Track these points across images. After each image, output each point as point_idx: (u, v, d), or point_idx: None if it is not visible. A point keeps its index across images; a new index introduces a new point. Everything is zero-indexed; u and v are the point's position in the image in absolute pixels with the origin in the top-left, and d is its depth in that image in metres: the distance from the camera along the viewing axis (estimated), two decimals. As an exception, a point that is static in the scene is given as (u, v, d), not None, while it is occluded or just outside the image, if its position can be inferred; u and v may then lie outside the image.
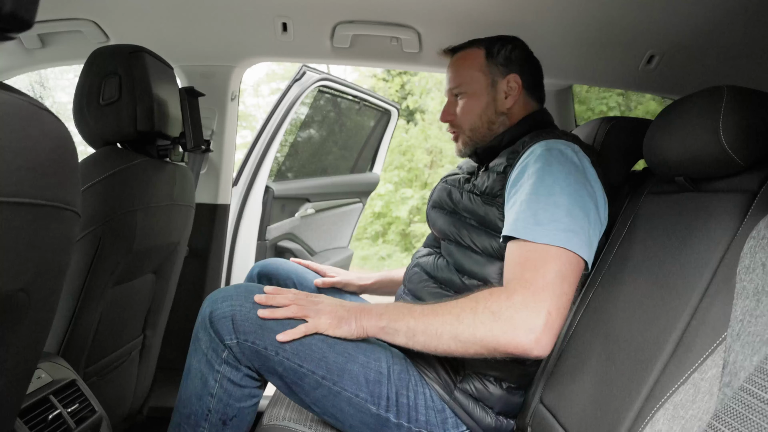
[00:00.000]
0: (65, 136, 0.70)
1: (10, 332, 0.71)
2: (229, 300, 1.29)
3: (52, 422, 1.07)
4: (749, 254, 0.90)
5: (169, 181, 1.68)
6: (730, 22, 1.57)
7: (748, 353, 0.82)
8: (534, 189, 1.27)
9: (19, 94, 0.63)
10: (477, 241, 1.43)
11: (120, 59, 1.49)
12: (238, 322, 1.25)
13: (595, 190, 1.32)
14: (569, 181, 1.27)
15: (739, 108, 1.05)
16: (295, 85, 2.92)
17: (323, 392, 1.29)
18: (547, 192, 1.26)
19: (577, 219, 1.24)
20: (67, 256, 0.80)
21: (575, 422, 1.17)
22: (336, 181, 3.66)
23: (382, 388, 1.33)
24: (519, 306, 1.15)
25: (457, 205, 1.55)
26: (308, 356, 1.27)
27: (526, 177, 1.32)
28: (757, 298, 0.84)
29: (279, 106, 2.87)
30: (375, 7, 1.77)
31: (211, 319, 1.27)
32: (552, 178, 1.27)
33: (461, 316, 1.19)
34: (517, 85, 1.55)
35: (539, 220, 1.23)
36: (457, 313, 1.20)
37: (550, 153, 1.32)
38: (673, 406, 0.91)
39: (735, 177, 1.09)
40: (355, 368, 1.31)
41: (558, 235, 1.21)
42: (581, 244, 1.22)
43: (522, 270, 1.21)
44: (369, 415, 1.32)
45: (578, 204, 1.26)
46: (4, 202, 0.59)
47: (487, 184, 1.45)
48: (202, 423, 1.30)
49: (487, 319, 1.16)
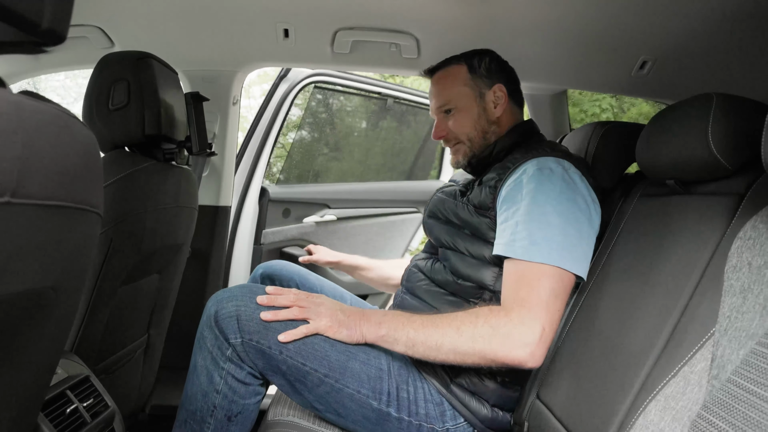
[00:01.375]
0: (92, 142, 0.74)
1: (39, 327, 0.75)
2: (234, 300, 1.33)
3: (69, 416, 1.11)
4: (736, 254, 0.94)
5: (174, 183, 1.72)
6: (722, 29, 1.61)
7: (735, 347, 0.86)
8: (528, 210, 1.34)
9: (52, 103, 0.67)
10: (471, 249, 1.49)
11: (128, 65, 1.53)
12: (243, 321, 1.29)
13: (587, 203, 1.38)
14: (561, 200, 1.34)
15: (728, 114, 1.09)
16: (282, 83, 2.87)
17: (326, 389, 1.33)
18: (540, 212, 1.33)
19: (570, 236, 1.31)
20: (90, 255, 0.84)
21: (570, 416, 1.21)
22: (377, 188, 3.40)
23: (383, 383, 1.37)
24: (516, 322, 1.23)
25: (452, 216, 1.60)
26: (311, 355, 1.31)
27: (519, 197, 1.38)
28: (743, 296, 0.89)
29: (267, 106, 2.84)
30: (375, 14, 1.80)
31: (217, 318, 1.30)
32: (544, 198, 1.34)
33: (461, 329, 1.26)
34: (503, 94, 1.62)
35: (534, 240, 1.30)
36: (457, 326, 1.27)
37: (541, 173, 1.38)
38: (664, 398, 0.96)
39: (723, 180, 1.13)
40: (356, 366, 1.35)
41: (552, 254, 1.28)
42: (574, 260, 1.30)
43: (518, 288, 1.29)
44: (371, 410, 1.36)
45: (571, 221, 1.33)
46: (40, 204, 0.63)
47: (480, 198, 1.50)
48: (208, 419, 1.34)
49: (486, 333, 1.24)
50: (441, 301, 1.52)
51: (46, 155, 0.62)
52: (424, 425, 1.39)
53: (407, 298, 1.64)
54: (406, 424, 1.38)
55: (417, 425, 1.39)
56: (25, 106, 0.59)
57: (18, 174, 0.57)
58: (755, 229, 0.93)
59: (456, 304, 1.49)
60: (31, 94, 0.68)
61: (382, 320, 1.34)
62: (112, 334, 1.62)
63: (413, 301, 1.61)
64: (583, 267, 1.32)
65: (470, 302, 1.47)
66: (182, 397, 1.38)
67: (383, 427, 1.38)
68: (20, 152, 0.57)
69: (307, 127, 3.66)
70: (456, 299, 1.50)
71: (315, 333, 1.32)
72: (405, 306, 1.62)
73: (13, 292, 0.64)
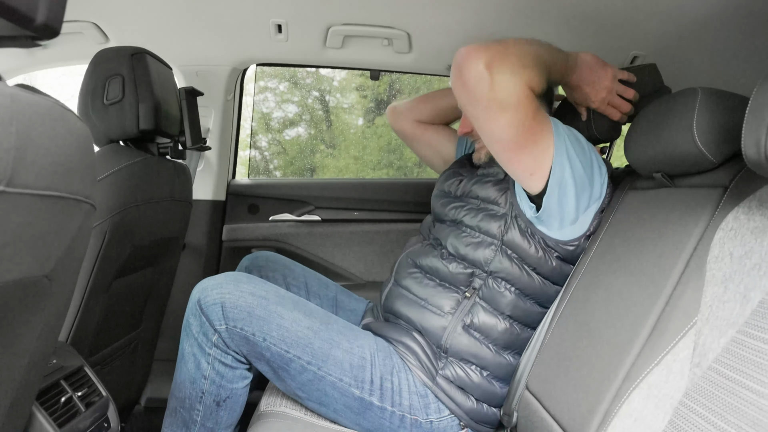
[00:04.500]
0: (86, 135, 0.76)
1: (35, 316, 0.77)
2: (218, 288, 1.34)
3: (63, 405, 1.13)
4: (718, 245, 0.97)
5: (169, 178, 1.73)
6: (712, 25, 1.62)
7: (716, 336, 0.88)
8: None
9: (47, 96, 0.69)
10: (481, 223, 1.49)
11: (123, 60, 1.55)
12: (227, 308, 1.31)
13: (601, 173, 1.44)
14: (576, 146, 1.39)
15: (712, 109, 1.11)
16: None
17: (308, 377, 1.35)
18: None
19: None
20: (84, 246, 0.86)
21: (558, 405, 1.23)
22: (372, 186, 2.69)
23: (365, 372, 1.39)
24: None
25: (465, 189, 1.62)
26: (294, 342, 1.34)
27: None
28: (724, 285, 0.91)
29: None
30: (367, 10, 1.82)
31: (201, 305, 1.33)
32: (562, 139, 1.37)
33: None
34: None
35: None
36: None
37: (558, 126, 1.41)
38: (647, 386, 0.98)
39: (709, 173, 1.15)
40: (339, 354, 1.37)
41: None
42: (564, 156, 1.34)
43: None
44: (353, 398, 1.38)
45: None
46: (37, 195, 0.64)
47: (497, 168, 1.54)
48: (197, 405, 1.36)
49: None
50: (429, 292, 1.52)
51: (42, 146, 0.64)
52: (407, 416, 1.40)
53: (393, 289, 1.63)
54: (389, 414, 1.40)
55: (400, 416, 1.40)
56: (20, 98, 0.60)
57: (13, 163, 0.58)
58: (737, 220, 0.95)
59: (444, 294, 1.49)
60: (27, 88, 0.69)
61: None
62: (107, 327, 1.64)
63: (401, 290, 1.60)
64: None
65: (460, 290, 1.48)
66: (172, 386, 1.41)
67: (365, 416, 1.39)
68: (15, 142, 0.58)
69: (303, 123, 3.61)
70: (444, 289, 1.50)
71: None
72: (391, 296, 1.61)
73: (9, 280, 0.65)
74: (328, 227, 2.57)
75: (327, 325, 1.41)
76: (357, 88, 5.20)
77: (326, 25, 1.92)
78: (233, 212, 2.55)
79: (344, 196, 2.61)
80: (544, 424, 1.26)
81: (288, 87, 4.93)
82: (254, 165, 4.24)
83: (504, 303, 1.44)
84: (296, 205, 2.57)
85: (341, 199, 2.60)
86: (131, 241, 1.57)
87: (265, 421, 1.37)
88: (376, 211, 2.61)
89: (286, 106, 4.81)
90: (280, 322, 1.34)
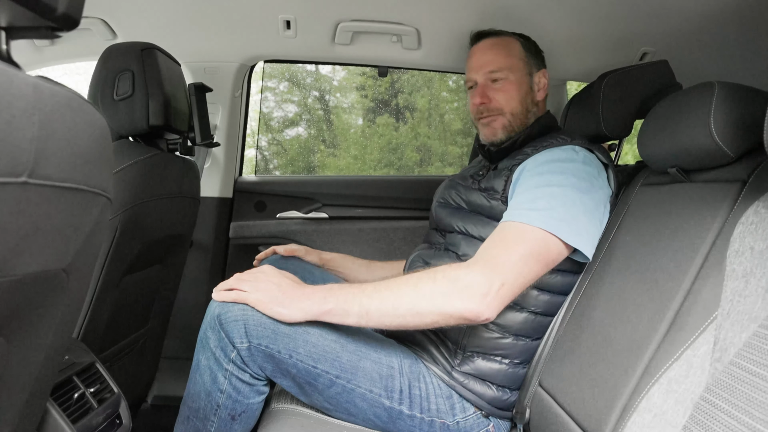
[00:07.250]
0: (105, 126, 0.75)
1: (52, 309, 0.76)
2: (240, 303, 1.28)
3: (77, 401, 1.12)
4: (739, 239, 0.96)
5: (178, 174, 1.73)
6: (722, 19, 1.62)
7: (737, 330, 0.87)
8: (537, 184, 1.35)
9: (66, 87, 0.68)
10: (484, 232, 1.46)
11: (133, 56, 1.54)
12: (251, 326, 1.25)
13: (602, 188, 1.40)
14: (571, 180, 1.35)
15: (729, 102, 1.10)
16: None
17: (337, 390, 1.33)
18: (546, 183, 1.33)
19: (572, 209, 1.31)
20: (101, 240, 0.85)
21: (573, 401, 1.22)
22: (378, 183, 2.68)
23: (394, 382, 1.37)
24: (476, 273, 1.22)
25: (464, 201, 1.60)
26: (322, 357, 1.30)
27: (531, 176, 1.39)
28: (746, 280, 0.90)
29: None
30: (376, 6, 1.82)
31: (221, 321, 1.27)
32: (557, 178, 1.35)
33: (419, 285, 1.24)
34: (545, 81, 1.62)
35: (534, 206, 1.30)
36: (415, 284, 1.24)
37: (557, 157, 1.40)
38: (667, 381, 0.97)
39: (725, 167, 1.14)
40: (368, 365, 1.35)
41: (544, 219, 1.27)
42: (571, 231, 1.29)
43: (493, 246, 1.29)
44: (383, 408, 1.36)
45: (576, 198, 1.33)
46: (57, 186, 0.64)
47: (493, 181, 1.51)
48: (212, 417, 1.32)
49: (445, 288, 1.21)
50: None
51: (63, 137, 0.63)
52: (436, 420, 1.39)
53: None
54: (419, 420, 1.38)
55: (429, 421, 1.39)
56: (42, 88, 0.60)
57: (35, 154, 0.58)
58: (757, 214, 0.94)
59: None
60: (46, 79, 0.69)
61: (328, 294, 1.27)
62: (116, 324, 1.63)
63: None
64: (582, 241, 1.32)
65: None
66: (185, 394, 1.36)
67: (395, 425, 1.38)
68: (38, 132, 0.58)
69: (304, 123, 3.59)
70: None
71: (244, 303, 1.26)
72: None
73: (29, 273, 0.65)
74: (335, 224, 2.54)
75: (353, 336, 1.37)
76: (357, 88, 5.20)
77: (335, 21, 1.92)
78: (240, 209, 2.53)
79: (352, 193, 2.58)
80: (558, 420, 1.25)
81: (288, 87, 4.93)
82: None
83: (521, 295, 1.42)
84: (303, 202, 2.55)
85: (349, 196, 2.58)
86: (141, 237, 1.56)
87: (277, 419, 1.36)
88: (384, 209, 2.58)
89: (286, 106, 4.80)
90: (307, 337, 1.29)
